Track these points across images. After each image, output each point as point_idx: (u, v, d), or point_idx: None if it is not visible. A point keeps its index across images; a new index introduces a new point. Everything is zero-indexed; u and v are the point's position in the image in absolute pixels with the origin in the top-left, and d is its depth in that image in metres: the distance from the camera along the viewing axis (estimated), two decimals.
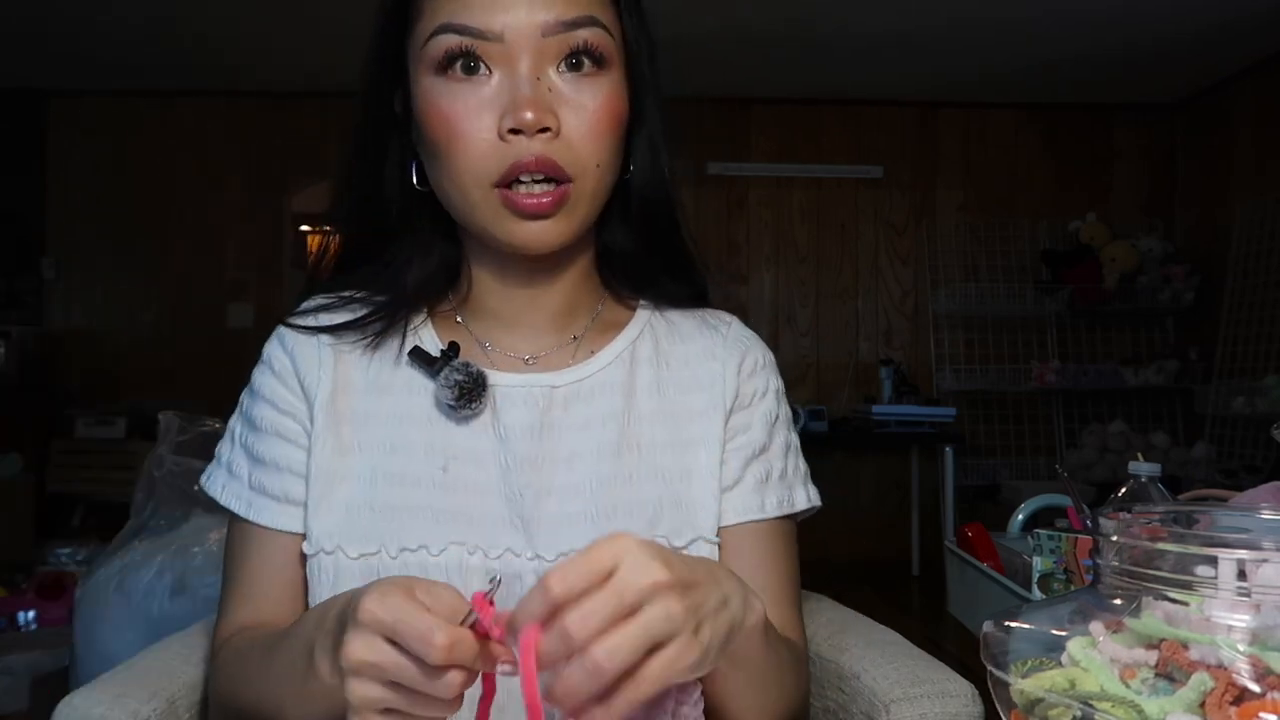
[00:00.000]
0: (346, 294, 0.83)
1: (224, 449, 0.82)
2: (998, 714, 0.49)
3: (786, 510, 0.82)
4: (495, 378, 0.78)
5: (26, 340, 4.40)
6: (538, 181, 0.72)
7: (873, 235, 4.77)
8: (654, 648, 0.50)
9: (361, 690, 0.51)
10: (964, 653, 1.60)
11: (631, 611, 0.49)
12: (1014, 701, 0.47)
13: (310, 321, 0.81)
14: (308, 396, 0.79)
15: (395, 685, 0.51)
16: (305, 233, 7.08)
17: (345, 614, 0.54)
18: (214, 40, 3.92)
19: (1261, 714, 0.39)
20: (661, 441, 0.80)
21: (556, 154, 0.71)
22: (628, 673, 0.49)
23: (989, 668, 0.49)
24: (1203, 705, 0.40)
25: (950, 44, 3.94)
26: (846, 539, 4.23)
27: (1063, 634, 0.48)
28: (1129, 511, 0.52)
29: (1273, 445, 3.68)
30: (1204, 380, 4.24)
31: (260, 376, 0.82)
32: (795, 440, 0.87)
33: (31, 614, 2.75)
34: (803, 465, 0.86)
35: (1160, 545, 0.46)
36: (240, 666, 0.72)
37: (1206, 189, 4.47)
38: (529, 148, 0.70)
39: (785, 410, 0.87)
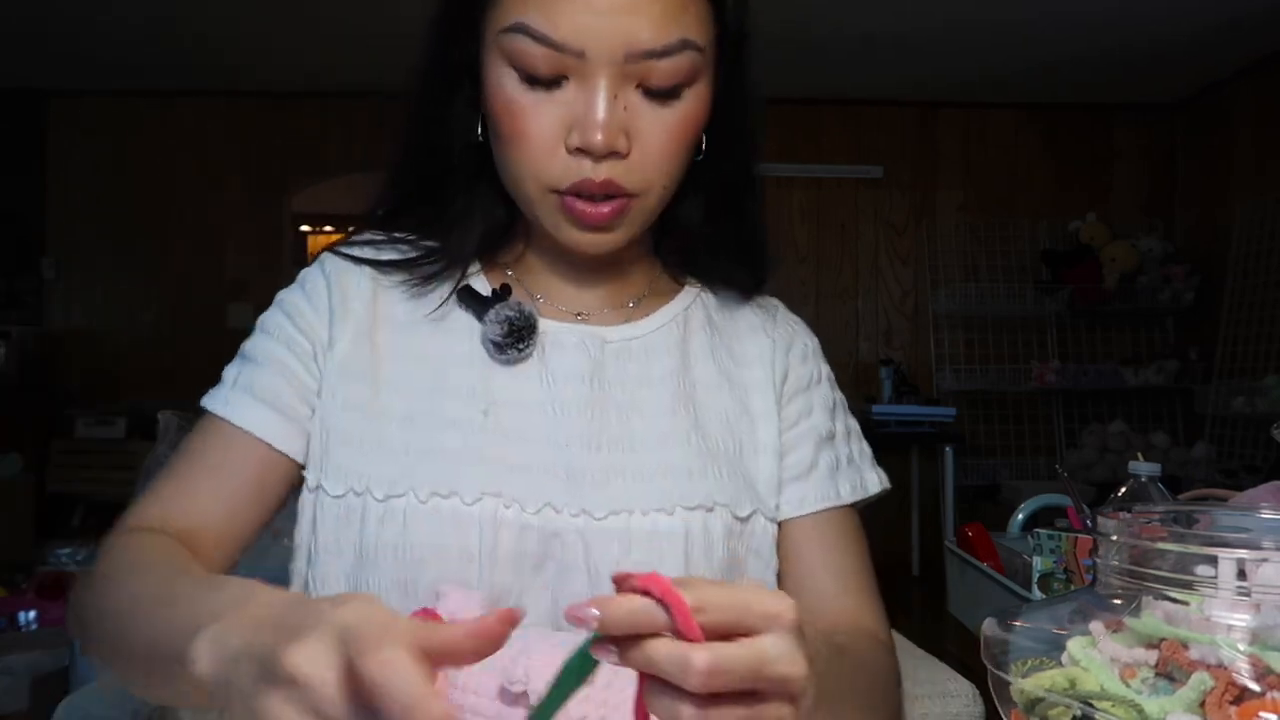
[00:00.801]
0: (398, 235, 0.79)
1: (228, 368, 0.77)
2: (998, 714, 0.49)
3: (860, 495, 0.81)
4: (544, 324, 0.75)
5: (26, 340, 4.40)
6: (599, 197, 0.69)
7: (873, 235, 4.77)
8: None
9: (280, 710, 0.38)
10: (964, 653, 1.60)
11: (751, 691, 0.43)
12: (1014, 701, 0.47)
13: (356, 252, 0.78)
14: (333, 322, 0.75)
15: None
16: (305, 233, 7.08)
17: (277, 609, 0.43)
18: (214, 40, 3.92)
19: (1261, 713, 0.39)
20: (719, 407, 0.77)
21: (622, 176, 0.68)
22: None
23: (989, 667, 0.49)
24: (1203, 705, 0.40)
25: (950, 44, 3.94)
26: None
27: (1063, 634, 0.48)
28: (1129, 511, 0.52)
29: (1273, 445, 3.67)
30: (1204, 380, 4.24)
31: (287, 293, 0.78)
32: (855, 425, 0.86)
33: (31, 614, 2.75)
34: (867, 448, 0.85)
35: (1160, 545, 0.46)
36: (124, 567, 0.63)
37: (1206, 189, 4.47)
38: (595, 170, 0.67)
39: (840, 396, 0.86)
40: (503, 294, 0.75)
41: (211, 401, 0.74)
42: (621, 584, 0.44)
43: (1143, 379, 4.40)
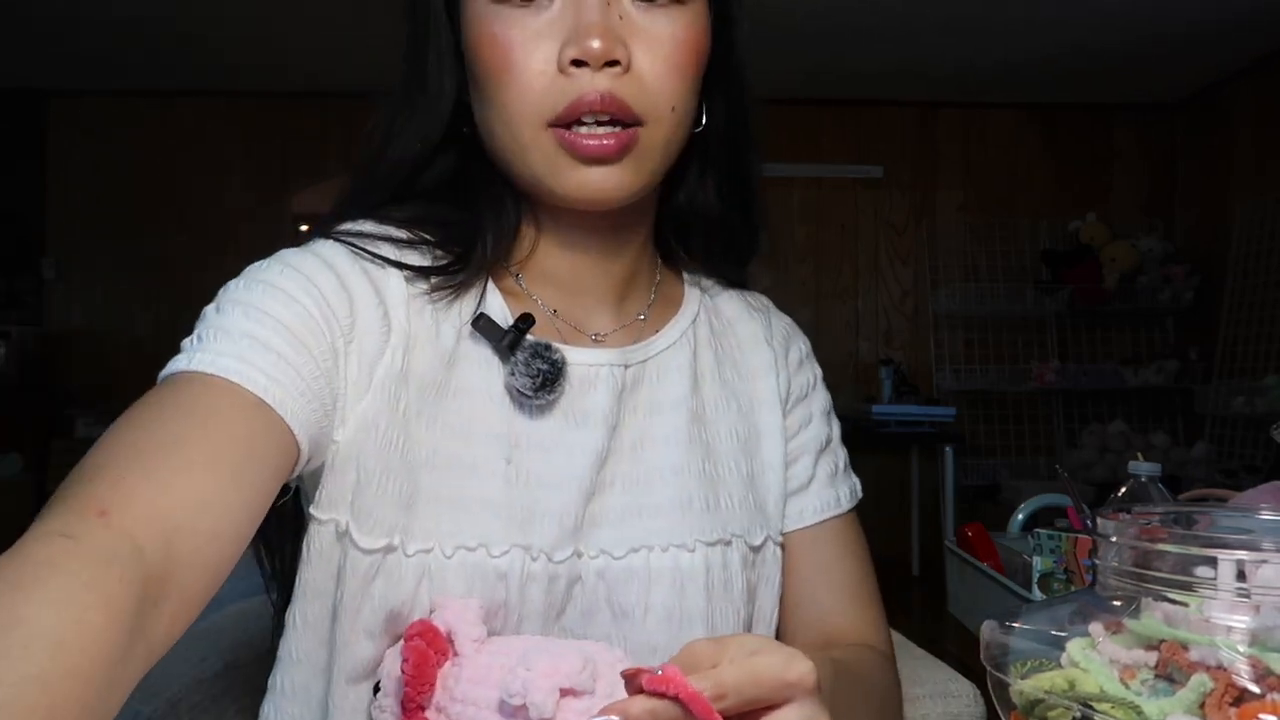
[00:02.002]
0: (423, 234, 0.69)
1: (188, 341, 0.60)
2: (998, 714, 0.49)
3: (855, 500, 0.79)
4: (569, 357, 0.67)
5: (26, 340, 4.40)
6: (601, 123, 0.62)
7: (873, 235, 4.77)
8: None
9: None
10: (964, 653, 1.60)
11: None
12: (1014, 702, 0.47)
13: (375, 249, 0.66)
14: (388, 333, 0.63)
15: None
16: (305, 233, 7.09)
17: None
18: (214, 40, 3.92)
19: (1261, 715, 0.39)
20: (728, 427, 0.74)
21: (625, 92, 0.62)
22: None
23: (989, 668, 0.49)
24: (1202, 706, 0.40)
25: (950, 44, 3.94)
26: None
27: (1063, 634, 0.48)
28: (1129, 511, 0.52)
29: (1273, 445, 3.67)
30: (1204, 380, 4.24)
31: (302, 261, 0.63)
32: (839, 427, 0.84)
33: None
34: (845, 451, 0.83)
35: (1160, 546, 0.46)
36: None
37: (1206, 189, 4.47)
38: (594, 83, 0.61)
39: (829, 396, 0.84)
40: (523, 326, 0.66)
41: (186, 363, 0.57)
42: (632, 681, 0.43)
43: (1143, 379, 4.41)
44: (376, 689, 0.60)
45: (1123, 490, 1.07)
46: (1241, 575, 0.43)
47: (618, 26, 0.62)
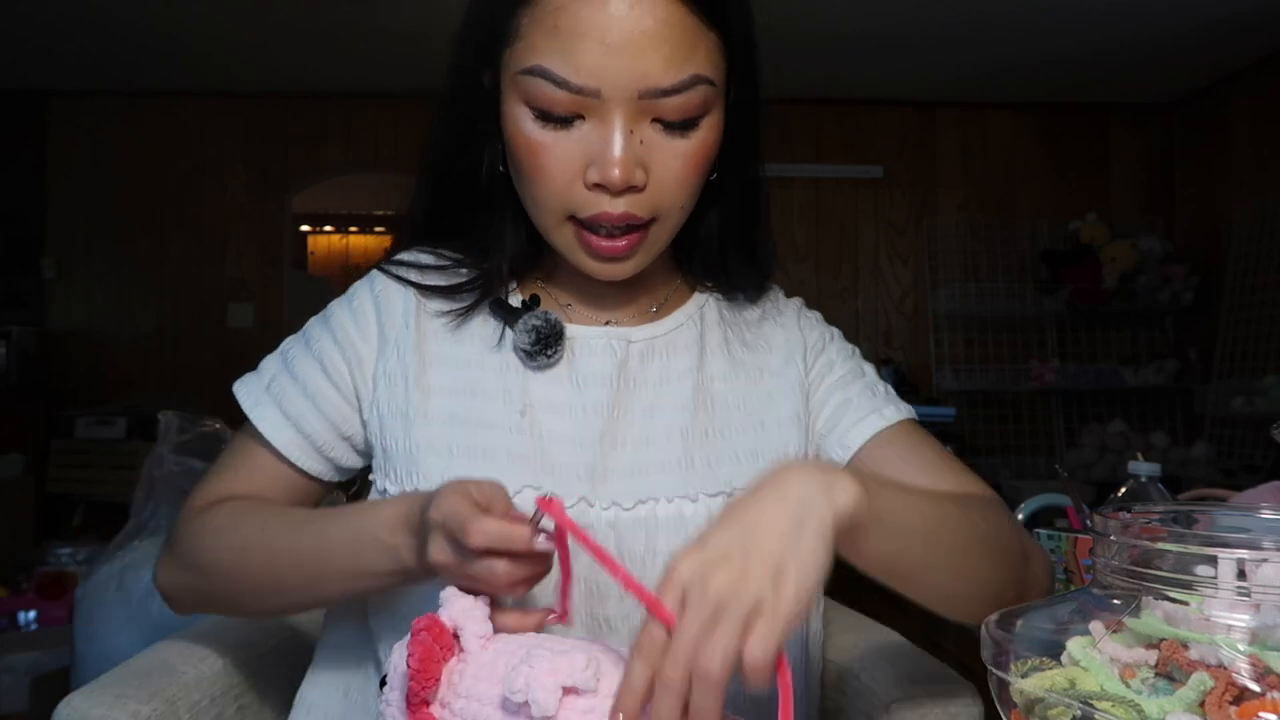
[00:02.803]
0: (449, 258, 0.84)
1: (267, 359, 0.83)
2: (998, 714, 0.49)
3: (907, 415, 0.85)
4: (573, 330, 0.80)
5: (26, 340, 4.39)
6: (618, 226, 0.72)
7: (872, 235, 4.77)
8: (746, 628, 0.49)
9: (451, 578, 0.61)
10: (964, 653, 1.60)
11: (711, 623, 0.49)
12: (1014, 701, 0.47)
13: (402, 273, 0.83)
14: (382, 338, 0.80)
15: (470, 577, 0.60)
16: (305, 233, 7.08)
17: (425, 521, 0.62)
18: (214, 40, 3.92)
19: (1261, 713, 0.39)
20: (735, 398, 0.82)
21: (639, 207, 0.72)
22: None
23: (989, 668, 0.49)
24: (1202, 705, 0.40)
25: (949, 43, 3.94)
26: None
27: (1063, 634, 0.48)
28: (1129, 511, 0.52)
29: (1273, 445, 3.67)
30: (1203, 380, 4.24)
31: (337, 307, 0.83)
32: (873, 369, 0.90)
33: (32, 614, 2.75)
34: (891, 389, 0.89)
35: (1160, 545, 0.46)
36: (245, 527, 0.74)
37: (1205, 189, 4.47)
38: (614, 204, 0.71)
39: (854, 346, 0.91)
40: (532, 304, 0.81)
41: (244, 394, 0.80)
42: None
43: (1142, 379, 4.40)
44: (383, 683, 0.61)
45: (1123, 490, 1.07)
46: (1242, 574, 0.43)
47: (638, 151, 0.70)
